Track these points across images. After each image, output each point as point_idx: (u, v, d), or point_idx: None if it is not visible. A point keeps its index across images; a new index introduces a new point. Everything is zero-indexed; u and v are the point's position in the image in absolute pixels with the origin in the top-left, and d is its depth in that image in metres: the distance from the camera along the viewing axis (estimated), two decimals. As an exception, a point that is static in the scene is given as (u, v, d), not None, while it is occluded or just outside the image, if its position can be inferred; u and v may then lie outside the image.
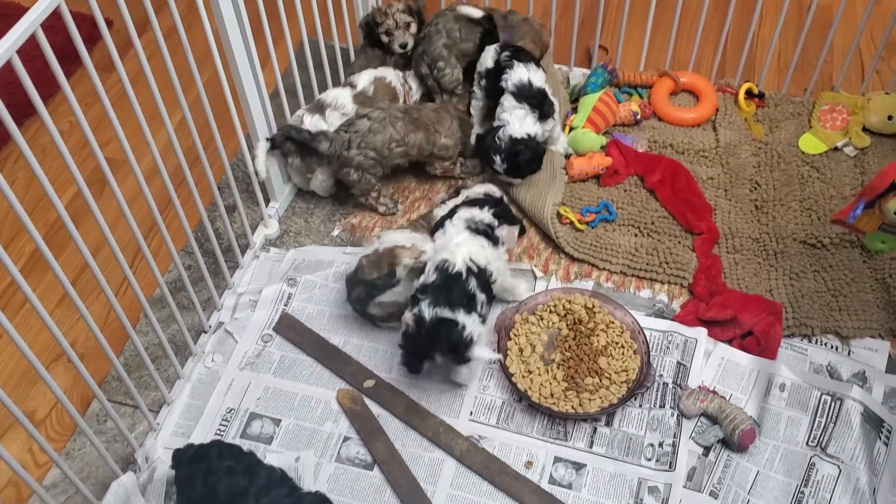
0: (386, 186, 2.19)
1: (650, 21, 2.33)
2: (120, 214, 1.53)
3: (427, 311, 1.66)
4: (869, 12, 2.14)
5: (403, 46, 2.35)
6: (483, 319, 1.73)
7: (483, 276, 1.75)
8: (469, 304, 1.68)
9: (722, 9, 2.42)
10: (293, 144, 2.10)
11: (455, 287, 1.69)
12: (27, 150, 1.25)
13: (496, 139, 2.07)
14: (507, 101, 2.10)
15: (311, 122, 2.13)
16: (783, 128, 2.30)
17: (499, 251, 1.83)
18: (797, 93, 2.43)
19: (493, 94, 2.16)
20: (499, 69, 2.14)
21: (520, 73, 2.10)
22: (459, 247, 1.75)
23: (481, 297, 1.72)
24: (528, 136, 2.07)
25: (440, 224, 1.86)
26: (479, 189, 2.03)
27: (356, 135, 2.06)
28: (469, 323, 1.67)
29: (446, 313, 1.66)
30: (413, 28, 2.36)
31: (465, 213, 1.84)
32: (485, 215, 1.84)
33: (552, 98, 2.14)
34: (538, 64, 2.17)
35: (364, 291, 1.85)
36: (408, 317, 1.70)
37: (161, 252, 2.02)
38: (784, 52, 2.57)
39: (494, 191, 2.03)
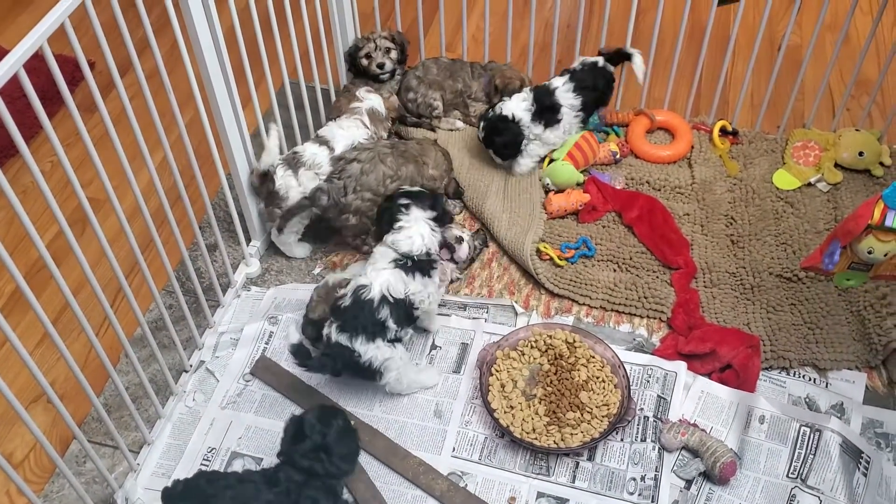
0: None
1: (625, 61, 2.38)
2: (101, 254, 1.54)
3: (334, 334, 1.76)
4: (838, 51, 2.20)
5: (381, 66, 2.44)
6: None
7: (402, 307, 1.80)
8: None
9: (695, 48, 2.48)
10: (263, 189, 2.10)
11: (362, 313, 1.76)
12: (9, 189, 1.26)
13: (491, 109, 2.27)
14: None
15: (282, 177, 2.07)
16: (757, 164, 2.35)
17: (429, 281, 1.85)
18: (770, 130, 2.48)
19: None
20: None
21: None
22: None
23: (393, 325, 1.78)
24: (513, 117, 2.22)
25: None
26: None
27: (350, 179, 2.06)
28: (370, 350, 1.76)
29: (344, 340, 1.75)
30: (393, 54, 2.45)
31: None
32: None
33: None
34: None
35: (312, 331, 1.90)
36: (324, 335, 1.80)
37: (142, 291, 2.01)
38: (756, 90, 2.63)
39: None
